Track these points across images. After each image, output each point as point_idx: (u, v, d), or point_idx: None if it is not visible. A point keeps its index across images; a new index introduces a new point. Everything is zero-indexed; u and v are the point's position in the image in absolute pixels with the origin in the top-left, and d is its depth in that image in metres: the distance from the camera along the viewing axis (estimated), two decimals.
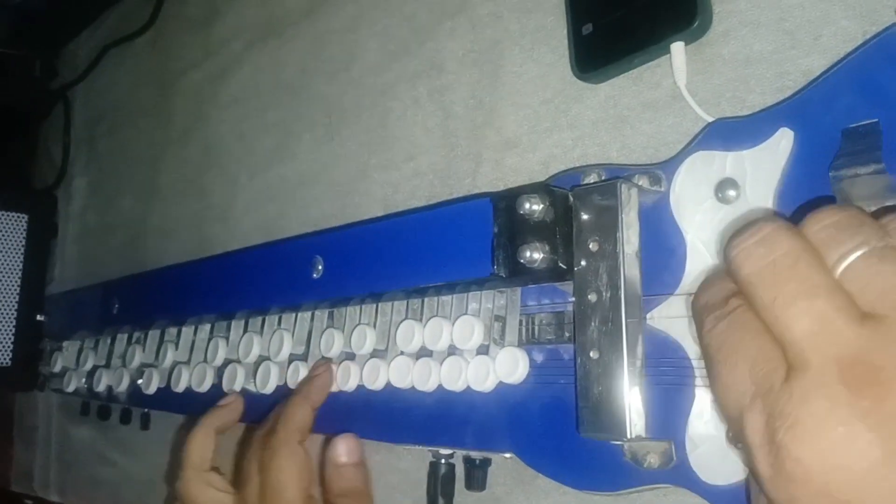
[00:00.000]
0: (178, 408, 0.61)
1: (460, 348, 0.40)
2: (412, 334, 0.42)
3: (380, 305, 0.45)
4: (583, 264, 0.34)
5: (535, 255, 0.35)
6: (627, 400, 0.32)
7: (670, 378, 0.33)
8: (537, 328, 0.39)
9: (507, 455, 0.39)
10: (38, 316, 0.83)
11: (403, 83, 0.53)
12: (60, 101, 0.99)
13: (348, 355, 0.46)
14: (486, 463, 0.42)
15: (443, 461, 0.43)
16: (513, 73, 0.46)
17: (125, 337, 0.66)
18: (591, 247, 0.34)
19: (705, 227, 0.33)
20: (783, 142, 0.31)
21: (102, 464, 0.79)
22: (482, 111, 0.48)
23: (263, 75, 0.68)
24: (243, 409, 0.50)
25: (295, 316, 0.50)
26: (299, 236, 0.57)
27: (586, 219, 0.35)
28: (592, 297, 0.34)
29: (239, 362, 0.53)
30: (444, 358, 0.41)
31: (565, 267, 0.35)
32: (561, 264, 0.35)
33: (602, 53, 0.40)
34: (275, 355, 0.50)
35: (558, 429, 0.36)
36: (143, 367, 0.62)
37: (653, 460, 0.33)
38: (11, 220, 0.85)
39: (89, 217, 0.91)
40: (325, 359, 0.48)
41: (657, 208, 0.35)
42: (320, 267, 0.45)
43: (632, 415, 0.32)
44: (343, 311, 0.47)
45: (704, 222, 0.33)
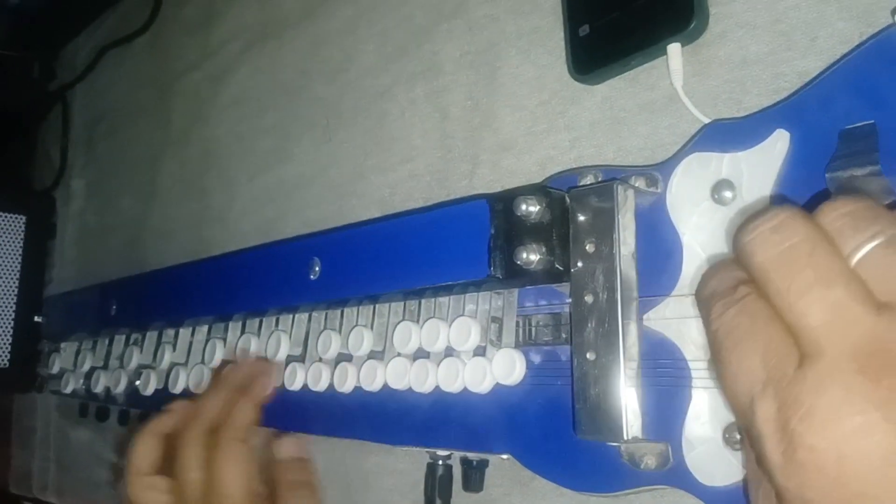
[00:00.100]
0: None
1: (457, 350, 0.40)
2: (409, 336, 0.42)
3: (377, 307, 0.45)
4: (579, 266, 0.34)
5: (531, 256, 0.35)
6: (624, 401, 0.32)
7: (667, 379, 0.33)
8: (534, 329, 0.39)
9: (504, 456, 0.39)
10: (36, 317, 0.83)
11: (400, 85, 0.53)
12: (59, 103, 0.99)
13: (345, 357, 0.46)
14: (484, 464, 0.42)
15: (440, 463, 0.43)
16: (509, 74, 0.46)
17: (123, 338, 0.66)
18: (587, 248, 0.34)
19: (702, 229, 0.33)
20: (779, 143, 0.31)
21: (101, 465, 0.79)
22: (479, 113, 0.48)
23: (262, 77, 0.68)
24: (190, 412, 0.50)
25: (292, 317, 0.50)
26: (296, 238, 0.57)
27: (583, 220, 0.35)
28: (589, 298, 0.34)
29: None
30: (441, 359, 0.41)
31: (562, 268, 0.35)
32: (558, 266, 0.35)
33: (599, 55, 0.40)
34: (272, 356, 0.50)
35: (555, 430, 0.36)
36: (141, 369, 0.62)
37: (649, 462, 0.33)
38: (9, 222, 0.85)
39: (88, 218, 0.91)
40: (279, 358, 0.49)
41: (654, 210, 0.35)
42: (317, 268, 0.45)
43: (628, 416, 0.32)
44: (340, 312, 0.47)
45: (701, 224, 0.33)
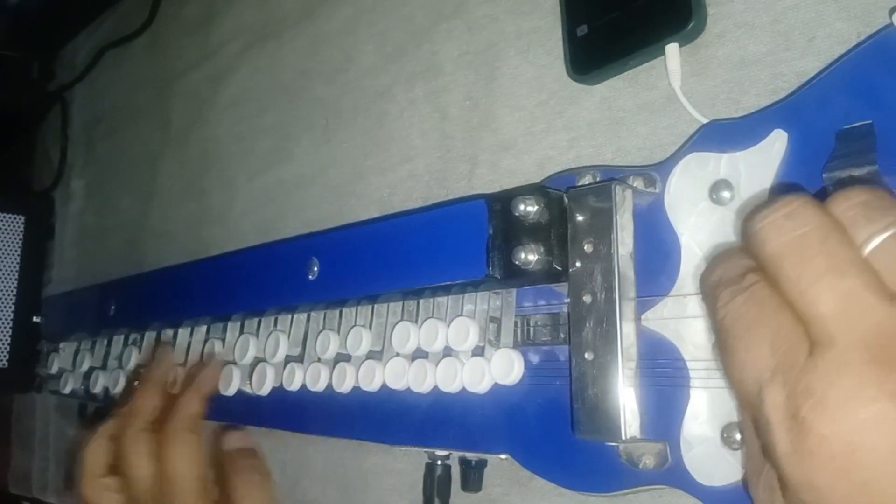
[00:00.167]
0: None
1: (456, 350, 0.40)
2: (408, 336, 0.42)
3: (375, 307, 0.45)
4: (578, 266, 0.34)
5: (530, 256, 0.35)
6: (622, 401, 0.32)
7: (665, 379, 0.33)
8: (532, 329, 0.39)
9: (502, 456, 0.39)
10: (34, 317, 0.83)
11: (400, 85, 0.54)
12: (58, 103, 0.99)
13: (344, 357, 0.46)
14: (482, 464, 0.42)
15: (439, 462, 0.43)
16: (509, 74, 0.47)
17: (121, 338, 0.66)
18: (585, 248, 0.34)
19: (700, 229, 0.33)
20: (777, 143, 0.31)
21: None
22: (478, 113, 0.48)
23: (261, 77, 0.68)
24: (127, 412, 0.53)
25: (291, 317, 0.50)
26: (295, 238, 0.57)
27: (581, 220, 0.35)
28: (587, 298, 0.34)
29: (235, 364, 0.53)
30: (440, 359, 0.41)
31: (560, 268, 0.35)
32: (556, 266, 0.35)
33: (597, 55, 0.40)
34: (271, 357, 0.50)
35: (554, 430, 0.36)
36: (140, 369, 0.62)
37: (648, 461, 0.33)
38: (8, 222, 0.85)
39: (87, 219, 0.91)
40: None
41: (652, 210, 0.35)
42: (316, 268, 0.45)
43: (627, 416, 0.32)
44: (339, 312, 0.47)
45: (699, 224, 0.33)
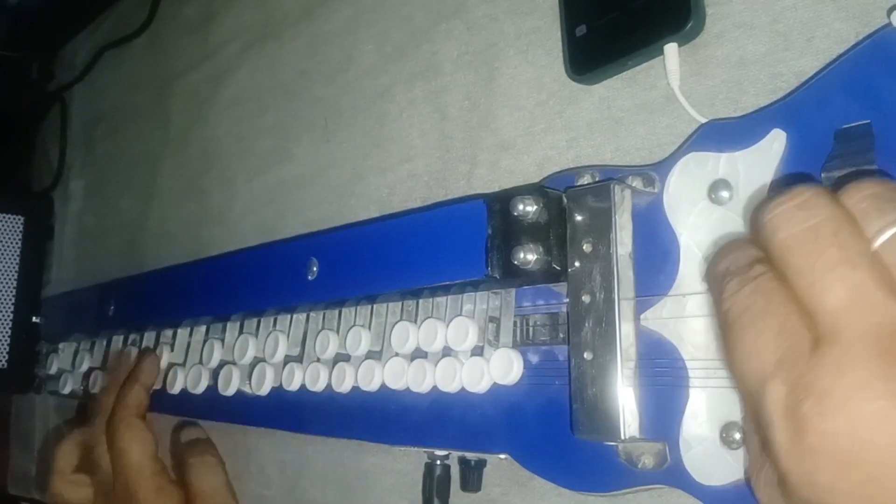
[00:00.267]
0: (174, 409, 0.61)
1: (455, 350, 0.40)
2: (407, 336, 0.42)
3: (374, 307, 0.45)
4: (577, 265, 0.34)
5: (529, 256, 0.35)
6: (621, 401, 0.32)
7: (664, 379, 0.33)
8: (532, 329, 0.39)
9: (502, 456, 0.39)
10: (34, 318, 0.83)
11: (400, 85, 0.54)
12: (57, 103, 0.99)
13: (343, 357, 0.46)
14: (482, 464, 0.42)
15: (438, 462, 0.43)
16: (508, 74, 0.47)
17: (121, 339, 0.66)
18: (584, 248, 0.34)
19: (699, 229, 0.33)
20: (776, 143, 0.31)
21: None
22: (477, 113, 0.48)
23: (261, 77, 0.68)
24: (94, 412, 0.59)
25: (290, 317, 0.50)
26: (294, 238, 0.57)
27: (580, 220, 0.35)
28: (586, 298, 0.34)
29: (234, 364, 0.53)
30: (439, 359, 0.41)
31: (559, 268, 0.35)
32: (555, 266, 0.35)
33: (596, 55, 0.40)
34: (270, 357, 0.50)
35: (553, 430, 0.36)
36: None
37: (647, 461, 0.33)
38: (8, 222, 0.85)
39: (87, 219, 0.91)
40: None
41: (651, 210, 0.35)
42: (315, 269, 0.45)
43: (626, 416, 0.32)
44: (338, 312, 0.47)
45: (698, 223, 0.33)
